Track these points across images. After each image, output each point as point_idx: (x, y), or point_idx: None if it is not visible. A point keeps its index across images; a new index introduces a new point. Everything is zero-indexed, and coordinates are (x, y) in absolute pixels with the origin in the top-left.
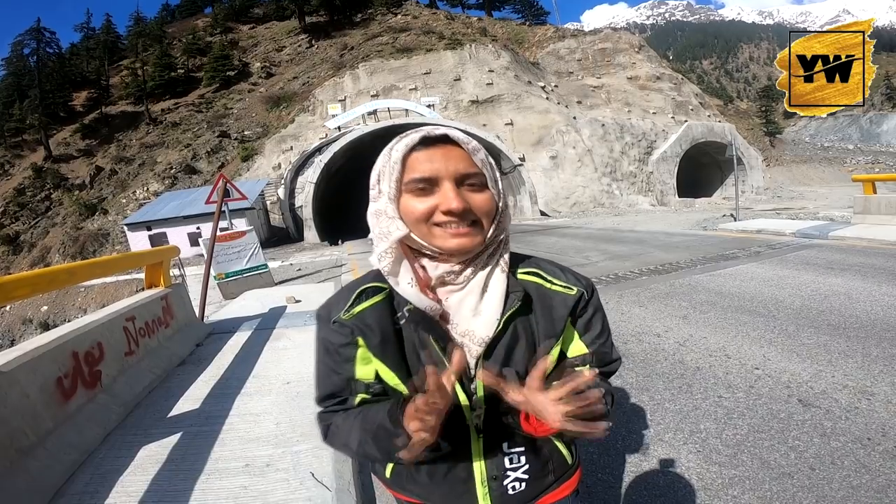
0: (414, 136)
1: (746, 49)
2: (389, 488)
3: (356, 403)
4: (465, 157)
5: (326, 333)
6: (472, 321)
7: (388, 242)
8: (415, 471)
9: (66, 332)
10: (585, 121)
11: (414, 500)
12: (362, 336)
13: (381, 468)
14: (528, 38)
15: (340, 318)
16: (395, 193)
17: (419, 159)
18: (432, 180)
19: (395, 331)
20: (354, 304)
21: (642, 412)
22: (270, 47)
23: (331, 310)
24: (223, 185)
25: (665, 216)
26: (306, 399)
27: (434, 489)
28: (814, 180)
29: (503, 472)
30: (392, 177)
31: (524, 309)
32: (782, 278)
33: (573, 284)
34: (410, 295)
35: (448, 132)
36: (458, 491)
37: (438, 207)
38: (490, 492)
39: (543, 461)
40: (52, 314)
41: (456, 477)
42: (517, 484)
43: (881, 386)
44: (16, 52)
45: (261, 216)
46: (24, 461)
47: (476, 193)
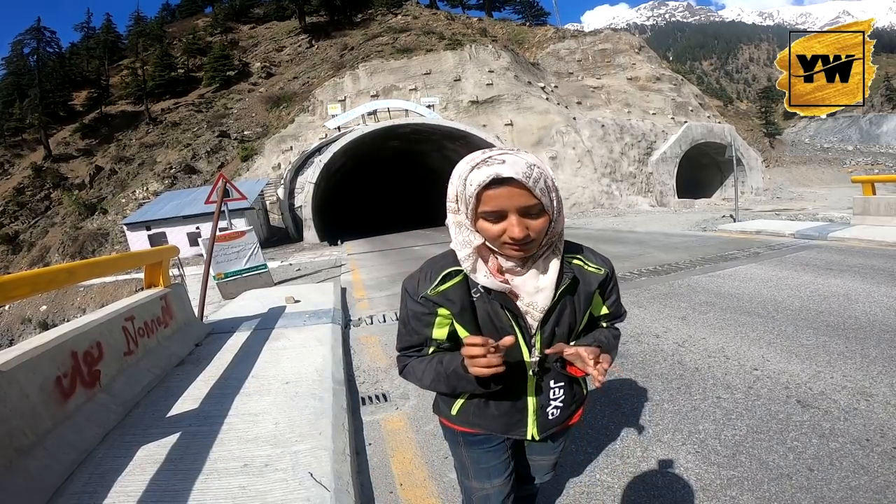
0: (484, 176)
1: (746, 50)
2: (452, 424)
3: (428, 353)
4: (526, 193)
5: (413, 305)
6: (535, 296)
7: (469, 248)
8: (483, 406)
9: (66, 332)
10: (585, 121)
11: (476, 430)
12: (444, 307)
13: (447, 407)
14: (529, 38)
15: (427, 294)
16: (473, 218)
17: (490, 196)
18: (501, 214)
19: (470, 303)
20: (441, 283)
21: (641, 413)
22: (270, 47)
23: (417, 286)
24: (223, 185)
25: (664, 217)
26: (305, 399)
27: (498, 419)
28: (813, 181)
29: (547, 402)
30: (469, 206)
31: (572, 286)
32: (781, 279)
33: (601, 266)
34: (486, 283)
35: (514, 175)
36: (516, 419)
37: (506, 232)
38: (537, 418)
39: (573, 393)
40: (52, 314)
41: (516, 408)
42: (555, 411)
43: (880, 387)
44: (16, 52)
45: (260, 216)
46: (22, 460)
47: (535, 220)
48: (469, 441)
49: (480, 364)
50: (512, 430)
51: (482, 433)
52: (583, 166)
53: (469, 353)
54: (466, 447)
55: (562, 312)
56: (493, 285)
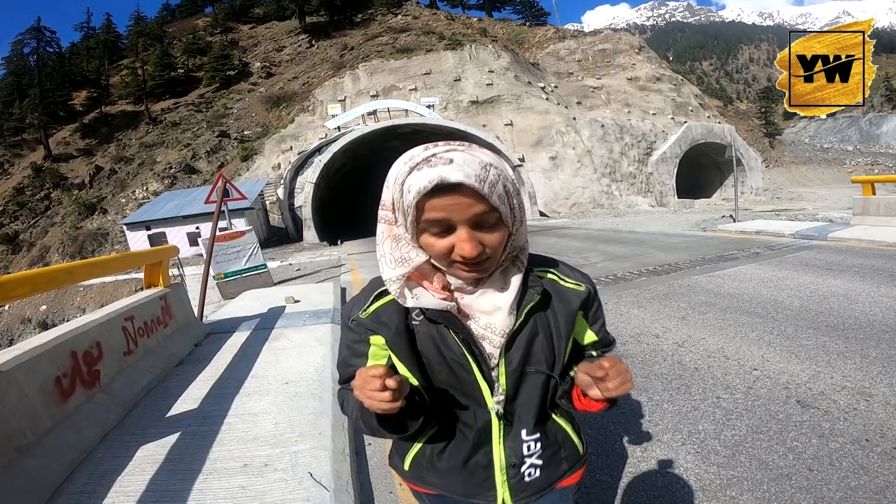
0: (426, 181)
1: (746, 50)
2: (408, 481)
3: None
4: (480, 201)
5: (345, 331)
6: (492, 315)
7: (407, 268)
8: (436, 459)
9: (65, 332)
10: (585, 121)
11: (432, 491)
12: (376, 334)
13: (399, 461)
14: (529, 38)
15: (358, 318)
16: (413, 231)
17: (435, 205)
18: (448, 225)
19: (406, 327)
20: (372, 303)
21: (641, 413)
22: (270, 47)
23: (351, 309)
24: (222, 185)
25: (664, 217)
26: (305, 399)
27: (454, 477)
28: (813, 181)
29: (521, 459)
30: (408, 218)
31: (543, 303)
32: (781, 279)
33: (581, 282)
34: (421, 304)
35: (463, 179)
36: (478, 479)
37: (455, 250)
38: (508, 479)
39: (556, 448)
40: (51, 313)
41: (476, 464)
42: (532, 470)
43: (880, 387)
44: (16, 51)
45: (260, 216)
46: (22, 460)
47: (490, 233)
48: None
49: (370, 388)
50: (475, 494)
51: (445, 495)
52: (583, 166)
53: (359, 375)
54: None
55: (532, 338)
56: (433, 304)
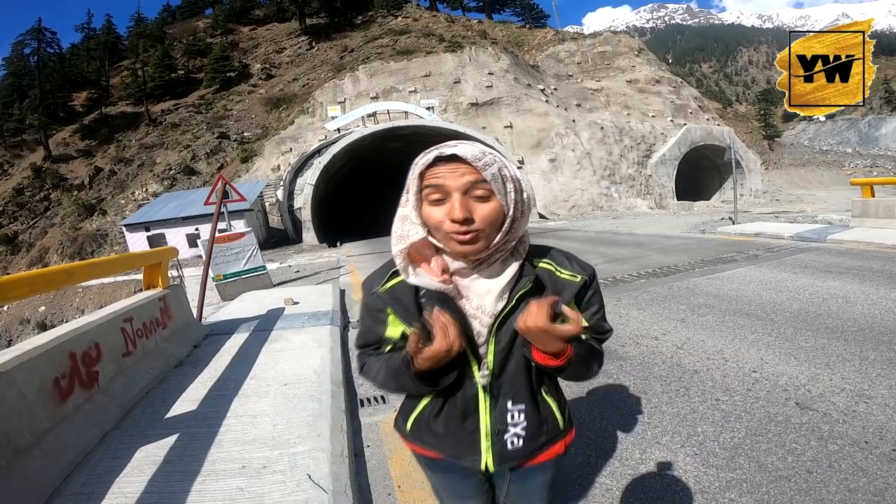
0: (430, 155)
1: (746, 53)
2: (409, 442)
3: (385, 352)
4: (472, 171)
5: (367, 300)
6: (484, 297)
7: (404, 244)
8: (432, 422)
9: (64, 333)
10: (584, 124)
11: (428, 451)
12: (391, 307)
13: (403, 423)
14: (528, 40)
15: (377, 291)
16: (417, 203)
17: (432, 173)
18: (443, 189)
19: (416, 303)
20: (388, 280)
21: (640, 415)
22: (270, 49)
23: (372, 282)
24: (222, 187)
25: (663, 219)
26: (303, 401)
27: (446, 439)
28: (812, 184)
29: (504, 427)
30: (413, 189)
31: (535, 291)
32: (780, 281)
33: (578, 273)
34: (420, 283)
35: (458, 151)
36: (466, 443)
37: (447, 215)
38: (492, 445)
39: (539, 422)
40: (50, 314)
41: (465, 429)
42: (515, 440)
43: (879, 389)
44: (16, 52)
45: (259, 218)
46: (20, 461)
47: (482, 203)
48: (431, 466)
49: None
50: (462, 456)
51: (440, 457)
52: (582, 168)
53: (413, 340)
54: (431, 472)
55: None
56: (430, 284)
